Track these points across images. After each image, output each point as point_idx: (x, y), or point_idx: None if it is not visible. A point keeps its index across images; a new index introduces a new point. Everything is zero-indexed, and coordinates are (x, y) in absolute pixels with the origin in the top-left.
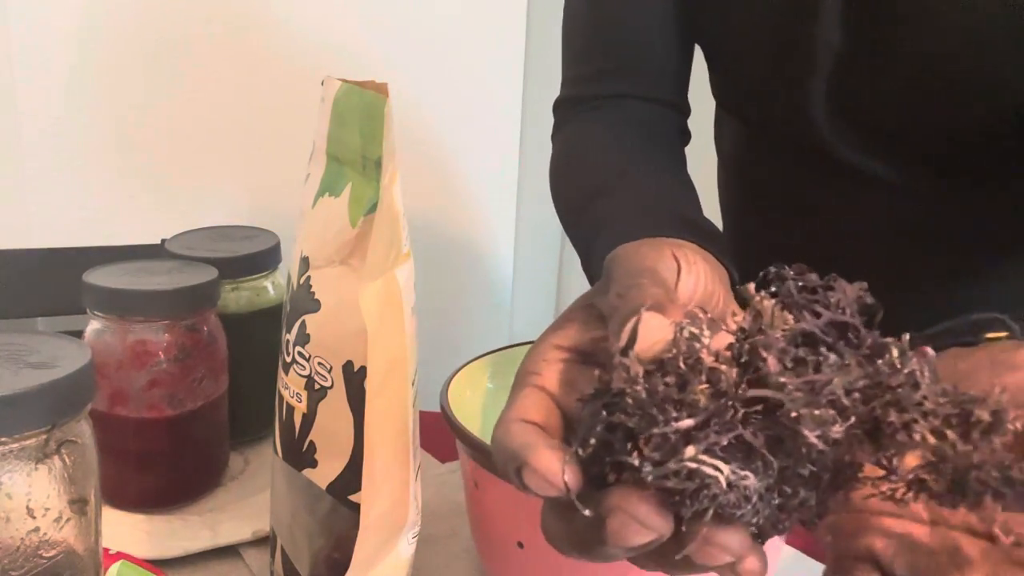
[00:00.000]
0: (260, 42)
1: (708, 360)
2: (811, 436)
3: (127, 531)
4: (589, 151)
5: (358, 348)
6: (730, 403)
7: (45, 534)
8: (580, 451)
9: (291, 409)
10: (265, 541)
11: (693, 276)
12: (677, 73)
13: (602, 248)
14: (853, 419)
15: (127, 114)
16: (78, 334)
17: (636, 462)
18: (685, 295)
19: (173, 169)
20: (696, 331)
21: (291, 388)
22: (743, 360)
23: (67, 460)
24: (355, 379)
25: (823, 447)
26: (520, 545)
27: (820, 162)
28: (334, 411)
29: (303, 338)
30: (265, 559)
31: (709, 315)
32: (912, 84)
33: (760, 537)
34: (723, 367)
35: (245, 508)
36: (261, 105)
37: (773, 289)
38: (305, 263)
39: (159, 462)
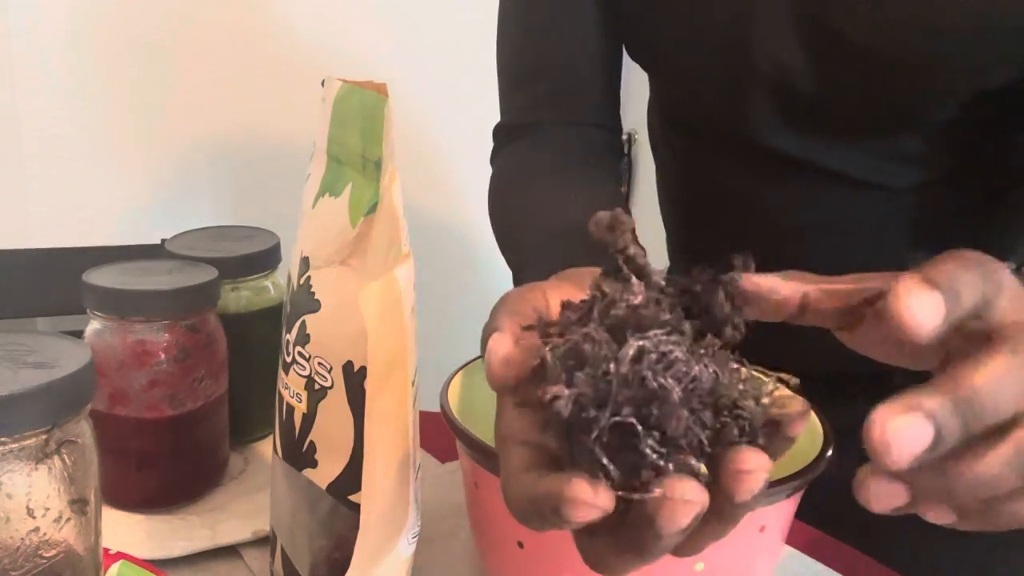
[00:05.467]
0: (260, 42)
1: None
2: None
3: (127, 531)
4: (518, 181)
5: (358, 348)
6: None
7: (45, 534)
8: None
9: (291, 409)
10: (265, 541)
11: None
12: (606, 96)
13: (528, 279)
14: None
15: (127, 114)
16: (78, 334)
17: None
18: None
19: (173, 169)
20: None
21: (291, 388)
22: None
23: (67, 460)
24: (355, 379)
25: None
26: (520, 545)
27: (769, 160)
28: (334, 411)
29: (303, 338)
30: (265, 559)
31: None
32: (855, 83)
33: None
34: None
35: (245, 508)
36: (261, 105)
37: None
38: (305, 263)
39: (159, 462)
